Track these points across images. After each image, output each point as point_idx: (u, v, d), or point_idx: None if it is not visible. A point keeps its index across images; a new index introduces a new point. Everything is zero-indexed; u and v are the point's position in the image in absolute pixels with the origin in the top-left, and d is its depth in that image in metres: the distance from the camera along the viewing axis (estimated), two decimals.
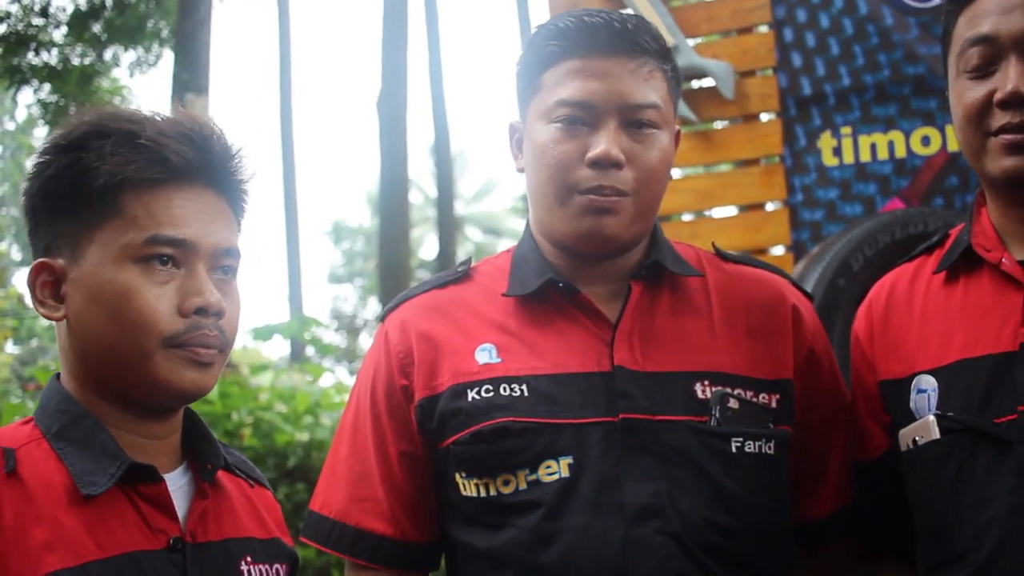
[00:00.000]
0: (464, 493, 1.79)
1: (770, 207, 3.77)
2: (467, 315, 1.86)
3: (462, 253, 27.28)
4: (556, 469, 1.72)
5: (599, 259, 1.84)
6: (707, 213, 4.42)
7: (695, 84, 3.82)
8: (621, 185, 1.76)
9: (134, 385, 1.52)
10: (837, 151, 3.63)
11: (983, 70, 1.69)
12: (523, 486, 1.73)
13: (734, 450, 1.75)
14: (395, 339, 1.87)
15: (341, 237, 36.71)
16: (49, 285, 1.54)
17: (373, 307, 32.48)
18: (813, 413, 1.88)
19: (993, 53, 1.67)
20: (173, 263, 1.52)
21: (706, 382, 1.77)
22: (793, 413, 1.84)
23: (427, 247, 34.01)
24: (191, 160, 1.54)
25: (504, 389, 1.77)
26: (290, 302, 21.21)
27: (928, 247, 1.87)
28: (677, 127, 1.88)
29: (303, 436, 6.15)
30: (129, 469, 1.49)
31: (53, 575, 1.38)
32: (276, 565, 1.64)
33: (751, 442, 1.76)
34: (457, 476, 1.79)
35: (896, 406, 1.80)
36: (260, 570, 1.60)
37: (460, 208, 31.42)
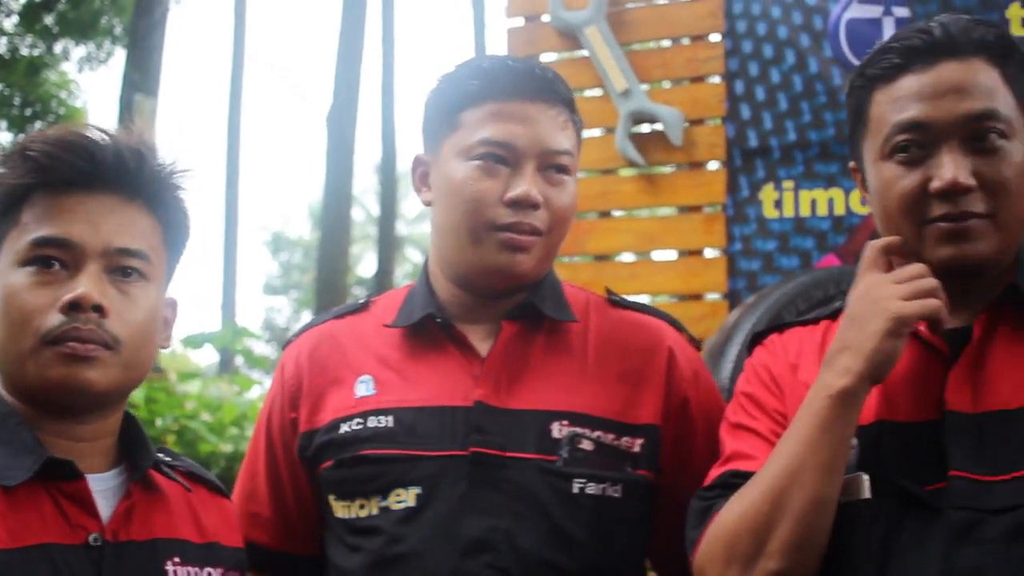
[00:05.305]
0: (337, 515, 1.85)
1: (709, 254, 3.80)
2: (356, 346, 1.93)
3: (400, 273, 27.23)
4: (404, 498, 1.78)
5: (496, 297, 1.88)
6: (648, 255, 4.45)
7: (645, 128, 3.86)
8: (538, 223, 1.81)
9: (28, 384, 1.53)
10: (778, 204, 3.67)
11: (914, 157, 1.61)
12: (375, 511, 1.80)
13: (575, 491, 1.77)
14: (289, 372, 1.97)
15: (280, 248, 36.48)
16: None
17: (307, 320, 32.22)
18: (688, 462, 1.86)
19: (924, 139, 1.60)
20: (62, 265, 1.53)
21: (564, 422, 1.79)
22: (658, 459, 1.85)
23: (365, 264, 33.87)
24: (77, 168, 1.56)
25: (372, 421, 1.83)
26: (223, 310, 21.04)
27: (833, 312, 1.78)
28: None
29: (227, 447, 6.11)
30: (48, 464, 1.49)
31: None
32: (208, 569, 1.64)
33: (595, 484, 1.78)
34: (330, 498, 1.87)
35: None
36: (189, 572, 1.61)
37: (401, 228, 31.35)
